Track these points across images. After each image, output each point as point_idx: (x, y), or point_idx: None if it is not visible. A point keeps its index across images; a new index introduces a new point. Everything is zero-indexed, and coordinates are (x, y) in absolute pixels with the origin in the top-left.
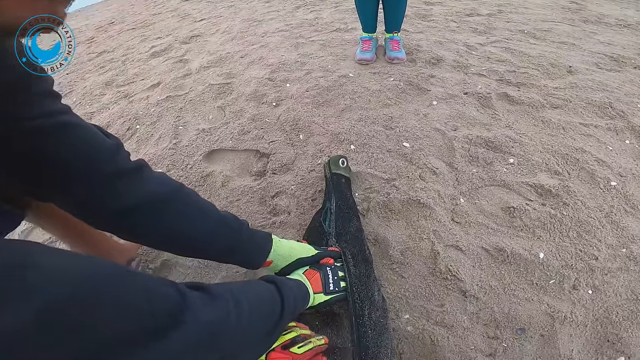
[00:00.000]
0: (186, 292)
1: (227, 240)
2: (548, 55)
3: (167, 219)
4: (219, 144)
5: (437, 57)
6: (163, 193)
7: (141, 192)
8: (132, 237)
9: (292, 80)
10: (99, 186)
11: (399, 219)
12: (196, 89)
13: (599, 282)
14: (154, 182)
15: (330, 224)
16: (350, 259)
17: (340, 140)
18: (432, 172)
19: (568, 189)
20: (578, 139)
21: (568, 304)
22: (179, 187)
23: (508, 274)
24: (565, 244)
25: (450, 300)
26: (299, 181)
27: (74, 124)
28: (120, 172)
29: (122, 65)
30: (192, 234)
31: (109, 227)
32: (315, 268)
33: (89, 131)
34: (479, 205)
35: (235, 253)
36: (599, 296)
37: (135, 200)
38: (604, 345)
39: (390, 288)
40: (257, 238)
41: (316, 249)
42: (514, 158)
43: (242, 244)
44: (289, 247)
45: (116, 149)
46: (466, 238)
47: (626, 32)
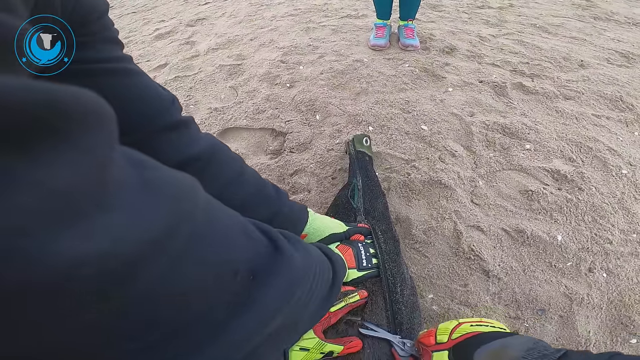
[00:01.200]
0: (275, 234)
1: (267, 209)
2: (560, 49)
3: (210, 177)
4: (232, 122)
5: (451, 46)
6: (209, 150)
7: (188, 148)
8: None
9: (305, 63)
10: (154, 134)
11: (419, 199)
12: (206, 69)
13: (613, 266)
14: (201, 140)
15: (359, 200)
16: (381, 235)
17: (358, 121)
18: (452, 155)
19: (582, 175)
20: (590, 129)
21: (584, 287)
22: (225, 149)
23: (528, 255)
24: (581, 227)
25: (473, 280)
26: (318, 159)
27: (136, 72)
28: (174, 123)
29: (125, 48)
30: (235, 200)
31: None
32: (347, 244)
33: (150, 81)
34: (498, 188)
35: (273, 222)
36: (613, 279)
37: (181, 155)
38: (617, 327)
39: (414, 268)
40: (295, 209)
41: (346, 225)
42: (530, 144)
43: (280, 214)
44: (323, 221)
45: (172, 101)
46: (486, 219)
47: (635, 30)
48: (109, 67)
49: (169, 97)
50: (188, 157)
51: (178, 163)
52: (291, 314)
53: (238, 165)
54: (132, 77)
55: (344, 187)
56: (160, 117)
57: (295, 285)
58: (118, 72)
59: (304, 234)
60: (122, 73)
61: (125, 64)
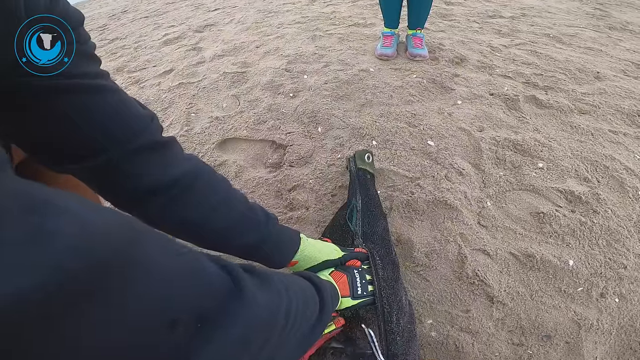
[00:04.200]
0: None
1: (254, 234)
2: (575, 60)
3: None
4: (232, 132)
5: (461, 56)
6: (190, 174)
7: (167, 170)
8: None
9: (310, 72)
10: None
11: (423, 220)
12: (210, 76)
13: (626, 291)
14: (183, 162)
15: (357, 223)
16: (379, 261)
17: (361, 135)
18: (459, 173)
19: (598, 196)
20: (607, 146)
21: (595, 312)
22: (209, 171)
23: (536, 280)
24: (594, 252)
25: (476, 305)
26: (318, 175)
27: (112, 89)
28: (152, 144)
29: (134, 52)
30: (219, 224)
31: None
32: (342, 270)
33: (126, 99)
34: (507, 209)
35: (260, 249)
36: (625, 304)
37: (160, 178)
38: (626, 352)
39: (413, 292)
40: (285, 236)
41: (342, 250)
42: (543, 162)
43: (269, 240)
44: (316, 247)
45: (151, 120)
46: (493, 242)
47: None
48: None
49: (147, 115)
50: (167, 179)
51: (156, 186)
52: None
53: (224, 189)
54: (106, 94)
55: (342, 207)
56: (137, 137)
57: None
58: (92, 89)
59: (295, 260)
60: (96, 90)
61: (101, 80)
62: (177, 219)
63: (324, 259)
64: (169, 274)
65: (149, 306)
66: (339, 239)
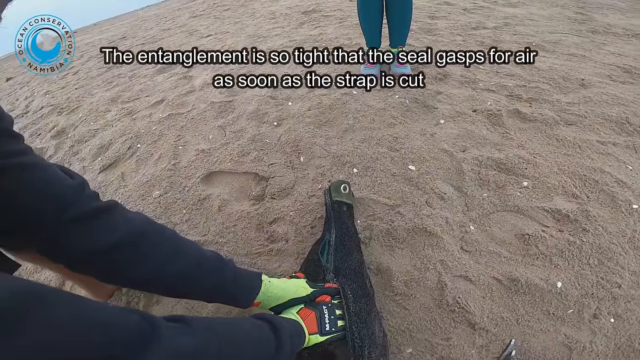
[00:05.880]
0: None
1: (209, 282)
2: (559, 68)
3: (141, 263)
4: (217, 165)
5: (444, 72)
6: (135, 235)
7: (111, 234)
8: (106, 279)
9: (294, 99)
10: (62, 228)
11: (403, 248)
12: (198, 106)
13: (622, 310)
14: (124, 223)
15: (329, 258)
16: (350, 295)
17: (342, 163)
18: (440, 198)
19: (587, 213)
20: (596, 158)
21: (588, 334)
22: (155, 228)
23: (522, 304)
24: (585, 272)
25: (457, 333)
26: (298, 207)
27: (34, 164)
28: (85, 213)
29: (128, 81)
30: (171, 278)
31: (81, 269)
32: (311, 307)
33: (50, 172)
34: (491, 232)
35: (218, 294)
36: (622, 324)
37: (105, 243)
38: None
39: (392, 321)
40: (243, 280)
41: (311, 287)
42: (528, 181)
43: (226, 286)
44: (281, 287)
45: (80, 189)
46: (476, 267)
47: (635, 42)
48: (10, 162)
49: (77, 185)
50: (112, 241)
51: (101, 248)
52: None
53: (172, 242)
54: (29, 171)
55: (317, 241)
56: (70, 208)
57: None
58: (12, 168)
59: (257, 301)
60: (17, 168)
61: (21, 158)
62: (127, 275)
63: (290, 297)
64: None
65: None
66: (312, 273)
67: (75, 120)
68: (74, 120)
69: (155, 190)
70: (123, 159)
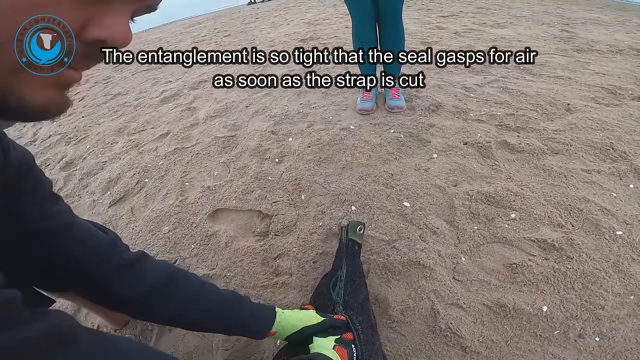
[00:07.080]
0: None
1: (229, 318)
2: (545, 93)
3: (168, 304)
4: (223, 202)
5: (436, 103)
6: (163, 280)
7: (142, 281)
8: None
9: (295, 134)
10: (102, 279)
11: (399, 280)
12: (203, 141)
13: (607, 329)
14: (153, 271)
15: (339, 293)
16: (359, 326)
17: (341, 200)
18: (433, 232)
19: (572, 241)
20: (581, 188)
21: (574, 352)
22: (179, 274)
23: (511, 327)
24: (570, 296)
25: (450, 356)
26: (301, 243)
27: (75, 223)
28: (120, 265)
29: (134, 111)
30: (194, 316)
31: (119, 310)
32: (343, 345)
33: (88, 229)
34: (481, 262)
35: (237, 328)
36: (607, 342)
37: (138, 289)
38: None
39: (390, 346)
40: (259, 313)
41: (321, 316)
42: (516, 213)
43: (244, 320)
44: (293, 317)
45: (113, 243)
46: (467, 295)
47: (619, 58)
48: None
49: (110, 241)
50: (145, 288)
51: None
52: None
53: (194, 285)
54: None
55: (327, 274)
56: (105, 261)
57: None
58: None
59: (274, 331)
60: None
61: (63, 219)
62: (157, 314)
63: (303, 326)
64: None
65: None
66: (321, 305)
67: (84, 152)
68: (82, 151)
69: (165, 226)
70: (132, 194)
